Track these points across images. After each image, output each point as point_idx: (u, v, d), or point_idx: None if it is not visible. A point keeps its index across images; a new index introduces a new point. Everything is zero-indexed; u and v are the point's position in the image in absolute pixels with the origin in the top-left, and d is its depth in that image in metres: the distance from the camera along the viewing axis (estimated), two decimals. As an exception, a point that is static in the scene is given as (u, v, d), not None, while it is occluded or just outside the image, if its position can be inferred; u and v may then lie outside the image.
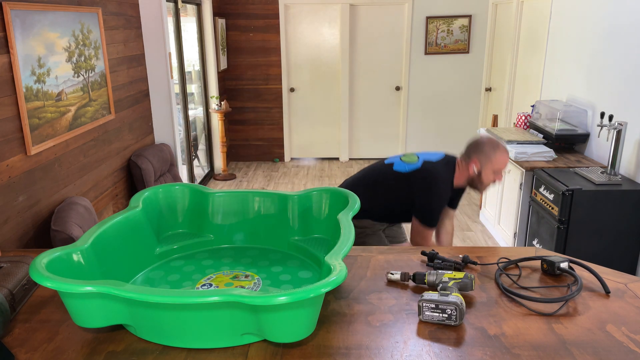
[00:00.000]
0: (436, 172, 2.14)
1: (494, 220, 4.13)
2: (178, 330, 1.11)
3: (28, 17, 2.28)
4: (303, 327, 1.09)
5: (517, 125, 4.30)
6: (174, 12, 4.54)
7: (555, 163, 3.42)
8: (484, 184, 2.16)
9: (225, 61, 6.06)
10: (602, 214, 2.93)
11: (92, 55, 2.92)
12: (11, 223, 2.17)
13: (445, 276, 1.33)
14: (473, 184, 2.19)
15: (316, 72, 6.33)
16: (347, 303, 1.33)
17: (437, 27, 6.08)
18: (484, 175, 2.13)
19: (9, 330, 1.23)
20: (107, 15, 3.15)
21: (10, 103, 2.17)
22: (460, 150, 6.51)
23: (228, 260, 1.58)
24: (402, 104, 6.37)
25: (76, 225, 2.35)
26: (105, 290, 1.04)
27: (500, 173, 2.14)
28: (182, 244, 1.64)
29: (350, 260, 1.56)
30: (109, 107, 3.13)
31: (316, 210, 1.66)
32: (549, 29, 4.25)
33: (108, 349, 1.14)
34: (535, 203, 3.34)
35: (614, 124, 2.97)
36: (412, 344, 1.14)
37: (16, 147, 2.21)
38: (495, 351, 1.11)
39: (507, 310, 1.28)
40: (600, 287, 1.39)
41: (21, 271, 1.38)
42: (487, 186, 2.17)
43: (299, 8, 6.12)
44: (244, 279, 1.45)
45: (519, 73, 5.09)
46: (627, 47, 3.17)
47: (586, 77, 3.67)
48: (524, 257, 1.54)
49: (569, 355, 1.10)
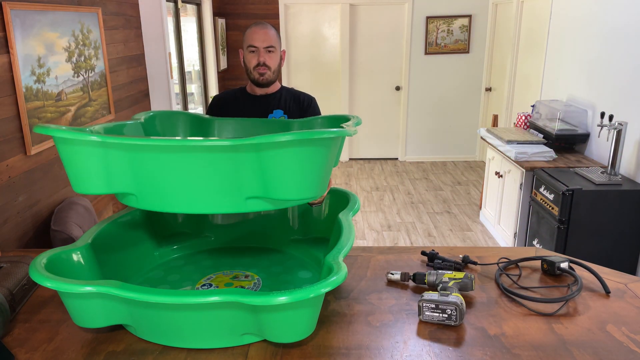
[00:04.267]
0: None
1: (494, 220, 4.13)
2: (178, 331, 1.10)
3: (28, 17, 2.28)
4: (303, 327, 1.09)
5: (517, 125, 4.30)
6: (174, 12, 4.54)
7: (556, 163, 3.42)
8: (249, 67, 2.01)
9: (225, 61, 6.06)
10: (602, 214, 2.93)
11: (92, 55, 2.92)
12: (11, 223, 2.16)
13: (446, 276, 1.33)
14: (248, 75, 2.05)
15: (316, 72, 6.33)
16: (347, 303, 1.32)
17: (437, 27, 6.08)
18: (245, 58, 2.02)
19: (9, 330, 1.23)
20: (107, 15, 3.15)
21: (10, 103, 2.17)
22: (460, 151, 6.52)
23: (228, 260, 1.58)
24: (402, 104, 6.37)
25: (76, 225, 2.35)
26: (105, 290, 1.04)
27: (255, 47, 1.98)
28: (182, 244, 1.64)
29: (350, 260, 1.56)
30: (108, 107, 3.13)
31: (316, 210, 1.66)
32: (549, 29, 4.25)
33: (108, 349, 1.14)
34: (535, 203, 3.34)
35: (614, 124, 2.97)
36: (412, 344, 1.14)
37: (16, 147, 2.21)
38: (496, 351, 1.11)
39: (507, 310, 1.28)
40: (601, 287, 1.39)
41: (21, 271, 1.38)
42: (254, 69, 2.00)
43: (299, 8, 6.12)
44: (244, 279, 1.45)
45: (519, 73, 5.09)
46: (627, 47, 3.17)
47: (586, 77, 3.67)
48: (524, 257, 1.54)
49: (569, 356, 1.10)
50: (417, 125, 6.43)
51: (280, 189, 1.06)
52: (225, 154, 1.05)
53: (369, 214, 4.71)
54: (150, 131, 1.57)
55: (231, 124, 1.71)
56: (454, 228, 4.36)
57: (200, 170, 1.07)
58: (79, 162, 1.09)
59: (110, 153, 1.07)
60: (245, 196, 1.09)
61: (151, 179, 1.09)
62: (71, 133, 1.06)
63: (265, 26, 2.00)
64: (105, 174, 1.09)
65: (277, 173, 1.05)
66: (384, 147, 6.58)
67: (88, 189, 1.11)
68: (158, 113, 1.63)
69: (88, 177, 1.09)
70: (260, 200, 1.11)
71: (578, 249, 2.98)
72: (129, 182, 1.10)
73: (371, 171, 6.11)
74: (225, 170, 1.06)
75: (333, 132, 1.06)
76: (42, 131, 1.07)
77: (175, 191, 1.09)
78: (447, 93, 6.31)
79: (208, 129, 1.69)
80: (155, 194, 1.11)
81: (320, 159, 1.09)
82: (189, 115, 1.71)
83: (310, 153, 1.06)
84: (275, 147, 1.03)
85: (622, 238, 2.96)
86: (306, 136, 1.01)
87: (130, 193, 1.13)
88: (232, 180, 1.07)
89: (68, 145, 1.09)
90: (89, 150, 1.07)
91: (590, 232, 2.96)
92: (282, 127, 1.68)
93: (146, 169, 1.08)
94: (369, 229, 4.37)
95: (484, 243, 4.06)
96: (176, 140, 1.03)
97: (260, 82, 2.03)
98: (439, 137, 6.46)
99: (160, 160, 1.07)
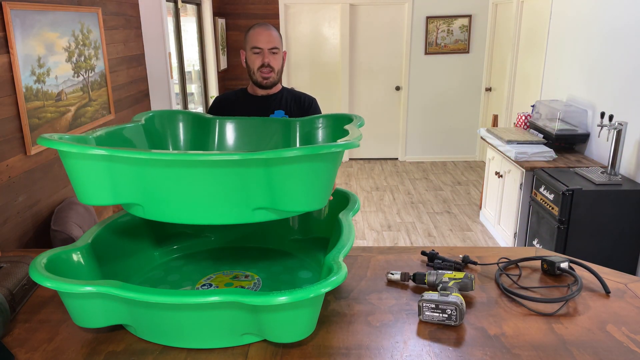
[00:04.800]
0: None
1: (494, 220, 4.13)
2: (178, 331, 1.10)
3: (28, 17, 2.28)
4: (303, 327, 1.09)
5: (517, 125, 4.30)
6: (174, 12, 4.54)
7: (556, 163, 3.42)
8: (252, 69, 2.01)
9: (225, 61, 6.05)
10: (602, 214, 2.93)
11: (92, 55, 2.92)
12: (11, 223, 2.16)
13: (446, 276, 1.33)
14: (251, 77, 2.04)
15: (316, 72, 6.33)
16: (347, 303, 1.32)
17: (437, 27, 6.08)
18: (248, 59, 2.01)
19: (9, 330, 1.23)
20: (107, 15, 3.15)
21: (10, 103, 2.17)
22: (460, 151, 6.52)
23: (228, 260, 1.58)
24: (402, 104, 6.37)
25: (76, 225, 2.35)
26: (105, 290, 1.04)
27: (259, 49, 1.96)
28: (182, 244, 1.64)
29: (350, 260, 1.56)
30: (108, 107, 3.13)
31: (316, 211, 1.66)
32: (549, 29, 4.25)
33: (108, 349, 1.14)
34: (535, 203, 3.34)
35: (614, 124, 2.97)
36: (412, 344, 1.14)
37: (16, 147, 2.21)
38: (496, 351, 1.11)
39: (507, 310, 1.28)
40: (601, 287, 1.39)
41: (21, 271, 1.38)
42: (257, 70, 1.99)
43: (299, 8, 6.12)
44: (244, 279, 1.45)
45: (519, 73, 5.09)
46: (627, 47, 3.17)
47: (586, 77, 3.67)
48: (524, 257, 1.54)
49: (569, 355, 1.10)
50: (417, 125, 6.43)
51: (287, 201, 1.07)
52: (233, 169, 1.04)
53: (369, 214, 4.71)
54: (152, 132, 1.57)
55: (232, 123, 1.71)
56: (454, 228, 4.36)
57: (208, 183, 1.06)
58: (84, 175, 1.08)
59: (116, 166, 1.06)
60: (253, 207, 1.09)
61: (158, 192, 1.08)
62: (76, 147, 1.03)
63: (269, 27, 1.99)
64: (111, 186, 1.08)
65: (284, 186, 1.05)
66: (384, 147, 6.58)
67: (93, 200, 1.10)
68: (157, 113, 1.62)
69: (93, 188, 1.09)
70: (267, 211, 1.11)
71: (578, 249, 2.98)
72: (135, 193, 1.09)
73: (371, 171, 6.11)
74: (233, 184, 1.06)
75: (340, 145, 1.05)
76: (46, 144, 1.05)
77: (182, 203, 1.08)
78: (447, 93, 6.31)
79: (209, 128, 1.69)
80: (162, 206, 1.10)
81: (327, 171, 1.10)
82: (190, 114, 1.71)
83: (318, 166, 1.06)
84: (283, 163, 1.03)
85: (622, 238, 2.96)
86: (314, 151, 1.01)
87: (136, 203, 1.13)
88: (240, 192, 1.07)
89: (72, 159, 1.08)
90: (94, 163, 1.06)
91: (590, 232, 2.96)
92: (283, 126, 1.68)
93: (153, 182, 1.07)
94: (369, 229, 4.37)
95: (484, 243, 4.06)
96: (183, 155, 1.01)
97: (264, 84, 2.02)
98: (439, 137, 6.46)
99: (167, 174, 1.06)
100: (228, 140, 1.69)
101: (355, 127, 1.37)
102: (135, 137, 1.49)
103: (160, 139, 1.61)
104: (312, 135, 1.65)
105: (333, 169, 1.13)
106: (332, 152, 1.04)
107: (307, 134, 1.66)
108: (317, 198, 1.10)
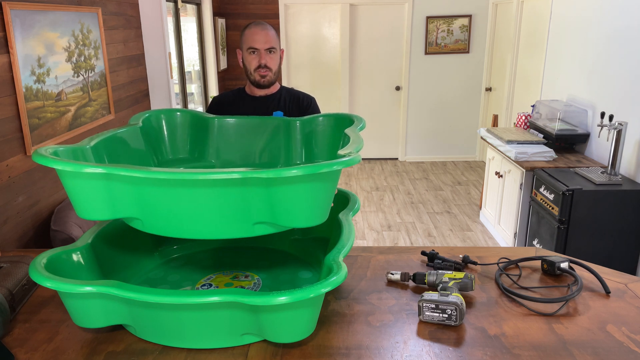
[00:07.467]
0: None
1: (494, 220, 4.13)
2: (178, 331, 1.10)
3: (28, 17, 2.28)
4: (303, 327, 1.09)
5: (518, 125, 4.30)
6: (174, 12, 4.54)
7: (556, 163, 3.42)
8: (249, 69, 2.01)
9: (225, 61, 6.06)
10: (602, 214, 2.93)
11: (92, 55, 2.92)
12: (11, 223, 2.16)
13: (446, 276, 1.33)
14: (248, 76, 2.04)
15: (316, 72, 6.33)
16: (347, 303, 1.32)
17: (437, 27, 6.08)
18: (245, 59, 2.00)
19: (9, 330, 1.23)
20: (107, 15, 3.15)
21: (10, 103, 2.17)
22: (460, 151, 6.52)
23: (228, 260, 1.58)
24: (402, 104, 6.37)
25: (76, 225, 2.35)
26: (105, 290, 1.04)
27: (255, 49, 1.96)
28: (182, 244, 1.64)
29: (350, 260, 1.56)
30: (108, 107, 3.13)
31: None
32: (549, 29, 4.25)
33: (108, 349, 1.14)
34: (535, 203, 3.34)
35: (614, 124, 2.97)
36: (412, 344, 1.14)
37: (16, 147, 2.21)
38: (496, 351, 1.11)
39: (507, 311, 1.28)
40: (601, 287, 1.39)
41: (21, 271, 1.38)
42: (254, 71, 2.00)
43: (299, 8, 6.12)
44: (244, 279, 1.45)
45: (519, 73, 5.09)
46: (627, 47, 3.17)
47: (586, 77, 3.67)
48: (524, 257, 1.54)
49: (569, 356, 1.10)
50: (417, 125, 6.43)
51: (288, 217, 1.07)
52: (234, 188, 1.04)
53: (369, 214, 4.71)
54: (149, 133, 1.56)
55: (230, 122, 1.71)
56: (454, 228, 4.36)
57: (208, 200, 1.06)
58: (81, 191, 1.07)
59: (115, 184, 1.05)
60: (253, 222, 1.10)
61: (157, 207, 1.08)
62: (71, 165, 1.02)
63: (265, 26, 1.99)
64: (109, 201, 1.08)
65: (285, 203, 1.06)
66: (384, 147, 6.58)
67: (92, 215, 1.10)
68: (154, 113, 1.62)
69: (91, 204, 1.08)
70: (267, 225, 1.12)
71: (578, 249, 2.98)
72: (134, 209, 1.09)
73: (371, 171, 6.11)
74: (233, 200, 1.05)
75: (342, 163, 1.05)
76: (42, 162, 1.03)
77: (182, 219, 1.08)
78: (447, 93, 6.31)
79: (207, 128, 1.69)
80: (162, 221, 1.10)
81: (328, 187, 1.10)
82: (188, 113, 1.71)
83: (319, 184, 1.07)
84: (283, 183, 1.04)
85: (622, 238, 2.96)
86: (315, 170, 1.01)
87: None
88: (240, 208, 1.07)
89: (68, 178, 1.07)
90: (92, 181, 1.06)
91: (590, 232, 2.96)
92: (284, 126, 1.68)
93: (151, 199, 1.07)
94: (369, 229, 4.37)
95: (484, 243, 4.05)
96: (182, 174, 1.00)
97: (261, 84, 2.02)
98: (439, 137, 6.46)
99: (166, 191, 1.06)
100: (227, 140, 1.69)
101: (355, 131, 1.36)
102: (133, 140, 1.48)
103: (157, 140, 1.61)
104: (313, 135, 1.65)
105: (334, 184, 1.13)
106: (333, 170, 1.04)
107: (308, 134, 1.66)
108: (318, 213, 1.10)
